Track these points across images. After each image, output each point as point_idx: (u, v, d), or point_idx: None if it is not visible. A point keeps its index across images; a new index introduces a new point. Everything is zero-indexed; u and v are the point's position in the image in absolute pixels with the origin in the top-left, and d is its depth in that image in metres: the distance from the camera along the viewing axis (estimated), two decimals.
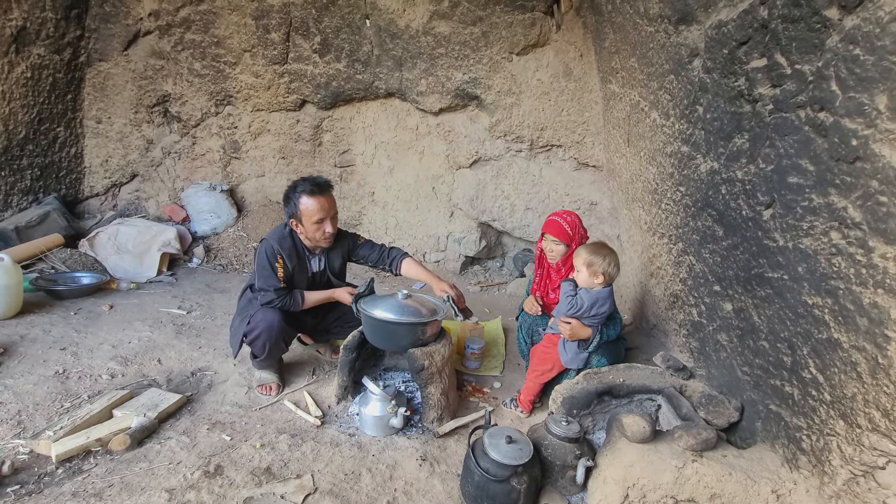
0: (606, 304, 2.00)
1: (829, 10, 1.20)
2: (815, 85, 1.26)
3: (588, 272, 1.99)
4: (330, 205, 2.11)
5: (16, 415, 1.89)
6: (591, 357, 2.08)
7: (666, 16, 2.05)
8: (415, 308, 2.01)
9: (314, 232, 2.11)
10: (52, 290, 2.99)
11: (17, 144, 3.63)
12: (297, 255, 2.18)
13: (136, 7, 3.89)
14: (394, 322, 1.96)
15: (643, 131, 2.49)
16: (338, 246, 2.29)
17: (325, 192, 2.11)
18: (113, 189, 4.43)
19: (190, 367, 2.36)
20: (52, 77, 3.76)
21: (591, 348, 2.04)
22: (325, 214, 2.09)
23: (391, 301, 2.03)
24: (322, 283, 2.31)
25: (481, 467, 1.54)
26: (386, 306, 1.99)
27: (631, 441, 1.58)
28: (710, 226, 1.87)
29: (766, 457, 1.51)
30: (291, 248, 2.16)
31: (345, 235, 2.34)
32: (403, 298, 2.03)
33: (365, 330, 2.08)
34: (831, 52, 1.20)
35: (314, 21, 3.73)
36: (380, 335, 2.04)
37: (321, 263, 2.28)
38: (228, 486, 1.61)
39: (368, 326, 2.05)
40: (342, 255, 2.31)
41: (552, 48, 3.45)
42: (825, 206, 1.26)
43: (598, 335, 2.02)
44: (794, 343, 1.43)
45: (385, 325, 1.98)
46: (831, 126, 1.22)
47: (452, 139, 3.97)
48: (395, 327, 1.97)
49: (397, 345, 2.06)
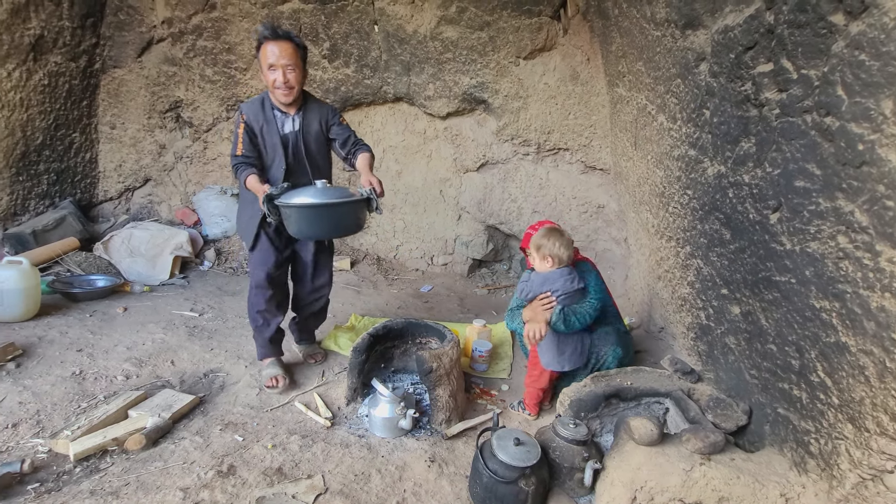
0: (559, 282, 2.00)
1: (834, 16, 1.21)
2: (822, 90, 1.27)
3: (538, 256, 2.04)
4: (282, 52, 1.99)
5: (35, 414, 1.94)
6: (603, 350, 2.07)
7: (672, 20, 2.06)
8: (338, 192, 1.97)
9: (269, 81, 2.04)
10: (68, 293, 3.05)
11: (35, 150, 3.71)
12: (263, 115, 2.11)
13: (149, 15, 3.97)
14: (320, 205, 1.88)
15: (650, 135, 2.50)
16: (316, 110, 2.21)
17: (280, 38, 2.00)
18: (126, 193, 4.51)
19: (202, 369, 2.40)
20: (69, 84, 3.84)
21: (553, 319, 1.95)
22: (276, 61, 1.99)
23: (312, 189, 1.95)
24: (299, 148, 2.17)
25: (489, 469, 1.56)
26: (309, 194, 1.92)
27: (639, 444, 1.59)
28: (718, 229, 1.87)
29: (775, 460, 1.51)
30: (259, 107, 2.11)
31: (325, 105, 2.27)
32: (323, 186, 1.96)
33: (290, 225, 1.95)
34: (837, 58, 1.21)
35: (323, 27, 3.79)
36: (307, 224, 1.94)
37: (295, 124, 2.16)
38: (241, 486, 1.64)
39: (295, 219, 1.93)
40: (320, 120, 2.21)
41: (559, 52, 3.46)
42: (832, 210, 1.27)
43: (559, 310, 1.96)
44: (801, 346, 1.43)
45: (312, 211, 1.90)
46: (837, 130, 1.23)
47: (460, 143, 4.00)
48: (321, 210, 1.90)
49: (325, 230, 2.02)
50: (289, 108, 2.16)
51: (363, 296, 3.58)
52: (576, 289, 2.03)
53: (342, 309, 3.27)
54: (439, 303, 3.57)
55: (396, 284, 3.91)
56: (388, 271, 4.14)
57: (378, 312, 3.27)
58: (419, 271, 4.22)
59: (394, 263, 4.30)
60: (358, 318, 3.09)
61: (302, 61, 2.09)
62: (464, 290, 3.89)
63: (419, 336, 2.36)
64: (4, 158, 3.49)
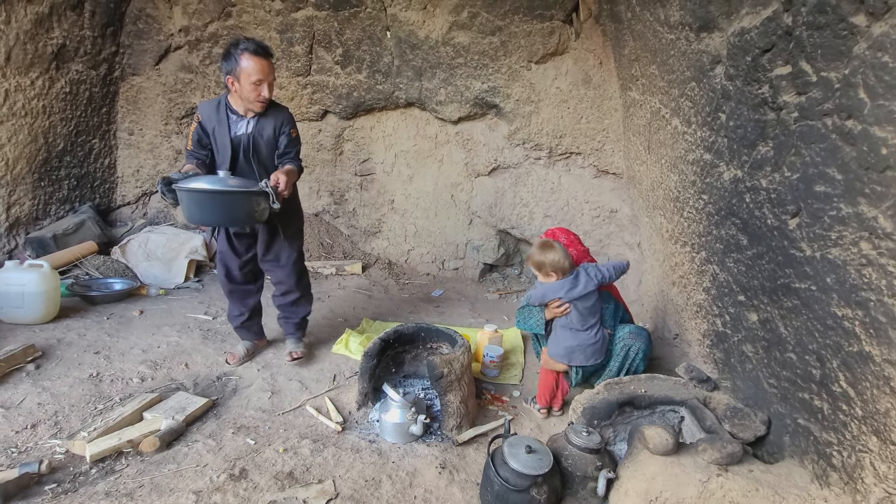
0: (562, 291, 2.05)
1: (856, 17, 1.18)
2: (843, 92, 1.24)
3: (541, 274, 2.11)
4: (270, 70, 2.11)
5: (53, 415, 1.98)
6: (636, 345, 2.10)
7: (687, 23, 2.04)
8: (239, 183, 2.00)
9: (250, 93, 2.10)
10: (86, 296, 3.12)
11: (56, 156, 3.81)
12: (216, 116, 2.18)
13: (167, 24, 4.06)
14: (210, 191, 1.92)
15: (664, 139, 2.47)
16: (272, 116, 2.23)
17: (268, 56, 2.11)
18: (143, 198, 4.60)
19: (215, 372, 2.42)
20: (89, 91, 3.94)
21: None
22: (265, 77, 2.09)
23: (212, 177, 2.00)
24: (247, 149, 2.22)
25: (501, 477, 1.54)
26: (206, 181, 1.97)
27: (653, 453, 1.56)
28: (734, 235, 1.84)
29: (795, 472, 1.47)
30: (214, 109, 2.19)
31: (283, 112, 2.27)
32: (225, 175, 2.01)
33: (183, 209, 1.99)
34: (859, 60, 1.18)
35: (336, 34, 3.83)
36: (198, 208, 1.98)
37: (249, 127, 2.20)
38: (253, 490, 1.65)
39: (185, 203, 1.97)
40: (274, 126, 2.23)
41: (571, 56, 3.45)
42: (854, 215, 1.24)
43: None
44: (822, 356, 1.39)
45: (202, 196, 1.94)
46: (860, 134, 1.20)
47: (471, 147, 4.00)
48: (222, 197, 1.94)
49: (214, 217, 2.05)
50: (245, 112, 2.21)
51: (374, 300, 3.59)
52: (587, 291, 2.05)
53: (353, 313, 3.28)
54: (450, 307, 3.56)
55: (407, 289, 3.91)
56: (400, 275, 4.15)
57: (389, 316, 3.27)
58: (430, 276, 4.22)
59: (405, 268, 4.30)
60: (369, 323, 3.10)
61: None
62: (475, 295, 3.87)
63: (430, 341, 2.36)
64: (28, 164, 3.58)
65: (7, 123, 3.37)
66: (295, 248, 2.45)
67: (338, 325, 3.04)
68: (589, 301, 2.06)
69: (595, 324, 2.08)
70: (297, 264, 2.46)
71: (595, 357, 2.09)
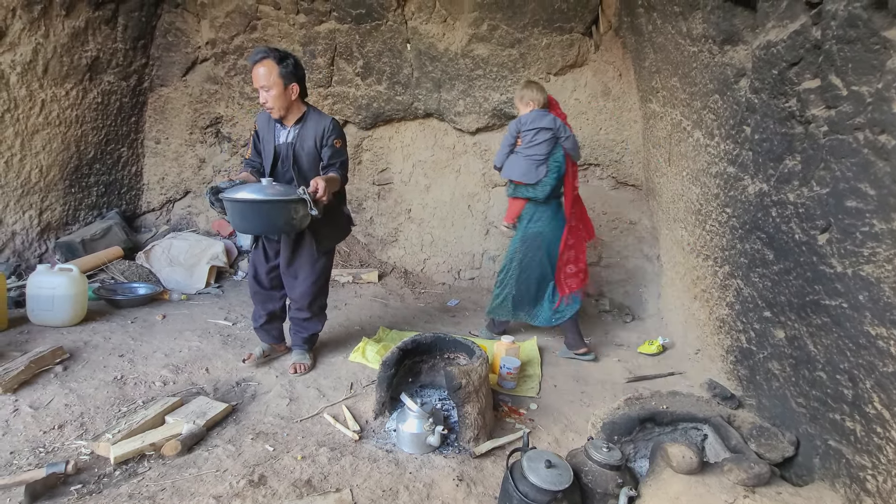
0: (544, 120, 2.61)
1: (889, 31, 1.17)
2: (875, 107, 1.22)
3: (522, 104, 2.69)
4: (264, 76, 2.10)
5: (79, 416, 2.02)
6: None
7: (710, 36, 2.03)
8: (279, 191, 2.04)
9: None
10: (111, 300, 3.20)
11: (87, 164, 3.94)
12: (268, 124, 2.29)
13: (195, 37, 4.19)
14: (249, 201, 2.00)
15: (685, 151, 2.45)
16: (313, 126, 2.25)
17: (258, 60, 2.13)
18: (168, 205, 4.72)
19: (235, 377, 2.45)
20: (119, 101, 4.08)
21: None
22: (257, 84, 2.13)
23: (255, 185, 2.07)
24: (287, 158, 2.26)
25: (520, 491, 1.53)
26: (249, 190, 2.03)
27: (676, 472, 1.53)
28: (760, 249, 1.81)
29: (826, 496, 1.42)
30: (268, 117, 2.27)
31: (325, 121, 2.26)
32: (268, 185, 2.06)
33: (229, 219, 2.12)
34: (892, 74, 1.16)
35: (357, 46, 3.90)
36: (240, 218, 2.08)
37: (290, 136, 2.26)
38: (271, 497, 1.66)
39: (230, 213, 2.07)
40: (315, 136, 2.24)
41: (590, 68, 3.46)
42: (888, 232, 1.21)
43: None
44: (855, 375, 1.35)
45: (243, 206, 2.02)
46: (894, 149, 1.17)
47: (489, 158, 4.01)
48: (260, 206, 2.01)
49: (255, 226, 2.16)
50: (286, 120, 2.26)
51: (390, 308, 3.60)
52: (555, 127, 2.62)
53: (370, 321, 3.29)
54: (466, 317, 3.55)
55: (423, 298, 3.91)
56: (416, 284, 4.16)
57: (405, 325, 3.28)
58: (446, 285, 4.22)
59: (421, 277, 4.32)
60: (385, 331, 3.11)
61: (284, 77, 2.13)
62: None
63: (447, 351, 2.35)
64: (60, 171, 3.71)
65: (42, 132, 3.50)
66: (317, 270, 2.43)
67: (354, 332, 3.06)
68: (541, 138, 2.60)
69: (542, 162, 2.66)
70: (315, 285, 2.45)
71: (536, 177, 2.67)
